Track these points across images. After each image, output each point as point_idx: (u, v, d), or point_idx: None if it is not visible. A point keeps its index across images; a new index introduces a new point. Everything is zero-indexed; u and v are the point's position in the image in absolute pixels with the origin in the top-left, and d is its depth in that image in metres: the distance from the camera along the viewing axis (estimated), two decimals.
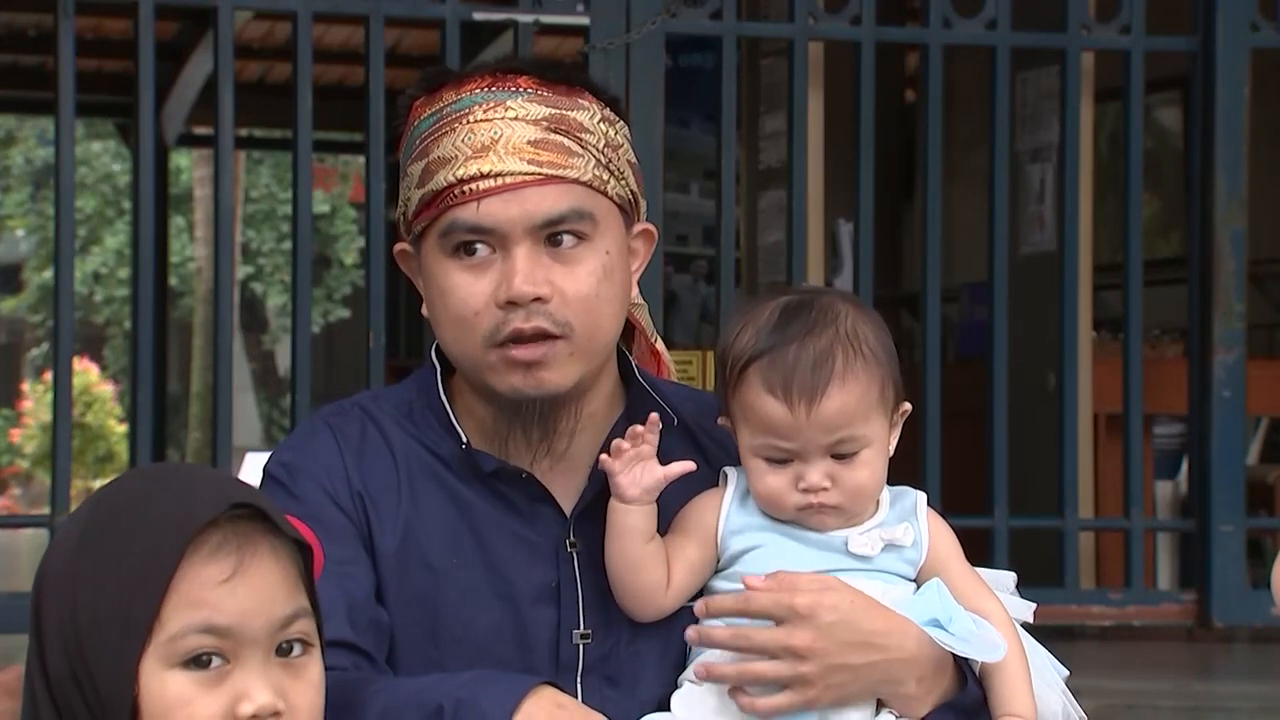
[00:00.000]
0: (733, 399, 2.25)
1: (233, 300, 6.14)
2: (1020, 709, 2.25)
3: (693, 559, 2.27)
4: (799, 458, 2.21)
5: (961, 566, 2.31)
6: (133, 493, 1.83)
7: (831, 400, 2.19)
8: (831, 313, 2.24)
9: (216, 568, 1.77)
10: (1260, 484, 6.80)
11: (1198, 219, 5.85)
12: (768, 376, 2.20)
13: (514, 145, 2.27)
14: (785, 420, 2.20)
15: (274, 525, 1.82)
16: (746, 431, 2.24)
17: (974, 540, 4.66)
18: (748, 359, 2.22)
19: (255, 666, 1.77)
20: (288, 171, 6.16)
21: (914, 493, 2.31)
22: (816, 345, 2.21)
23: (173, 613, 1.76)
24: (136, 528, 1.78)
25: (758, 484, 2.24)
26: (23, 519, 9.30)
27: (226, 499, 1.79)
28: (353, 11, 5.63)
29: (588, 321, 2.28)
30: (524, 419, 2.30)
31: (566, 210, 2.28)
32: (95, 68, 11.41)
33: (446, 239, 2.29)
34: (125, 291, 22.40)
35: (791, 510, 2.23)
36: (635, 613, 2.28)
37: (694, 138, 7.98)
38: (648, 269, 2.43)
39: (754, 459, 2.24)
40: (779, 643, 2.17)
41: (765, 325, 2.24)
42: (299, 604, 1.81)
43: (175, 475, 1.85)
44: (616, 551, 2.26)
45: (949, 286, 6.62)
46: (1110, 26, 5.83)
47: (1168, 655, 5.70)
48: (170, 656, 1.76)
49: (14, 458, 20.85)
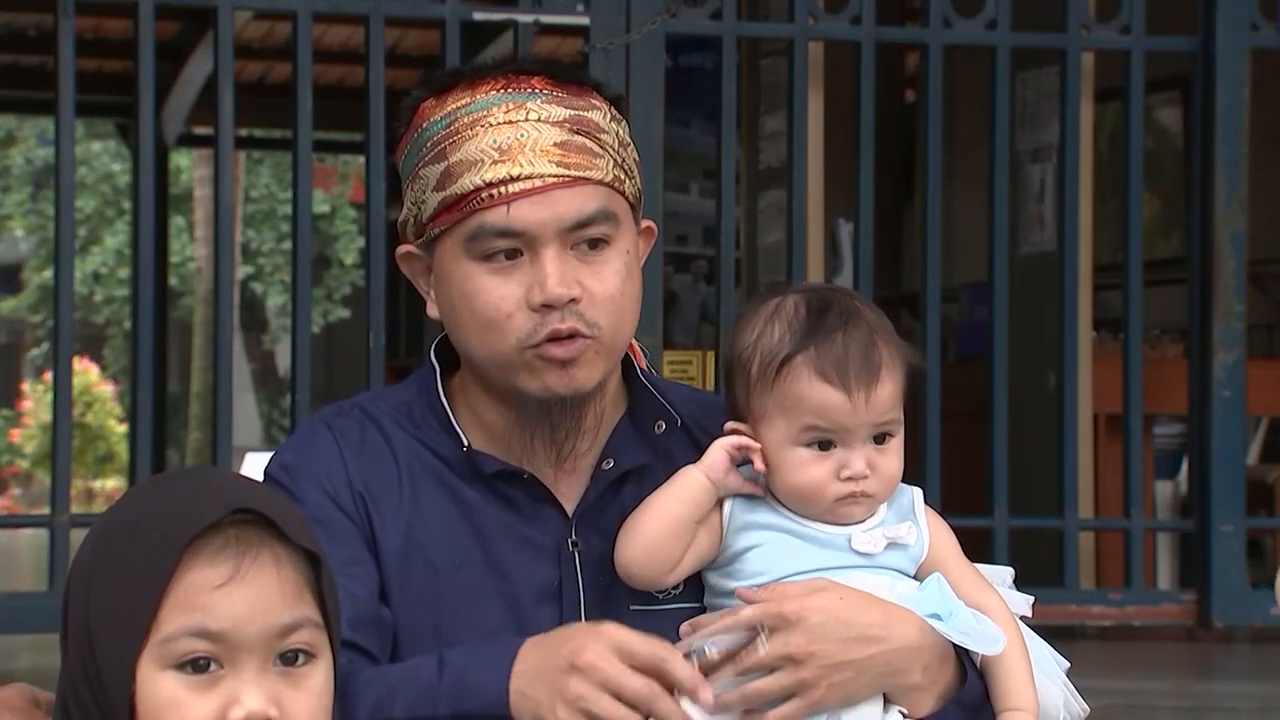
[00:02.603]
0: (767, 395, 2.25)
1: (233, 300, 6.14)
2: (1022, 703, 2.26)
3: (702, 546, 2.28)
4: (844, 445, 2.24)
5: (960, 562, 2.32)
6: (146, 496, 1.84)
7: (884, 385, 2.24)
8: (853, 306, 2.29)
9: (214, 571, 1.76)
10: (1260, 484, 6.80)
11: (1198, 219, 5.85)
12: (820, 366, 2.23)
13: (541, 148, 2.27)
14: (842, 407, 2.23)
15: (282, 532, 1.81)
16: (786, 424, 2.25)
17: (974, 540, 4.67)
18: (790, 352, 2.24)
19: (251, 674, 1.77)
20: (288, 171, 6.16)
21: (910, 489, 2.33)
22: (858, 335, 2.25)
23: (169, 615, 1.76)
24: (143, 530, 1.78)
25: (797, 476, 2.25)
26: (23, 519, 9.32)
27: (230, 503, 1.79)
28: (353, 11, 5.63)
29: (614, 321, 2.29)
30: (552, 419, 2.30)
31: (594, 212, 2.28)
32: (95, 68, 11.41)
33: (474, 243, 2.28)
34: (125, 291, 22.40)
35: (828, 501, 2.25)
36: (633, 577, 2.28)
37: (694, 138, 7.98)
38: (648, 269, 2.44)
39: (794, 450, 2.25)
40: (774, 654, 2.17)
41: (796, 320, 2.26)
42: (301, 613, 1.80)
43: (188, 479, 1.85)
44: (662, 513, 2.26)
45: (949, 286, 6.62)
46: (1110, 26, 5.84)
47: (1168, 655, 5.71)
48: (165, 658, 1.76)
49: (14, 458, 20.87)
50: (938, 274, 5.72)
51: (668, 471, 2.31)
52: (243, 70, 11.25)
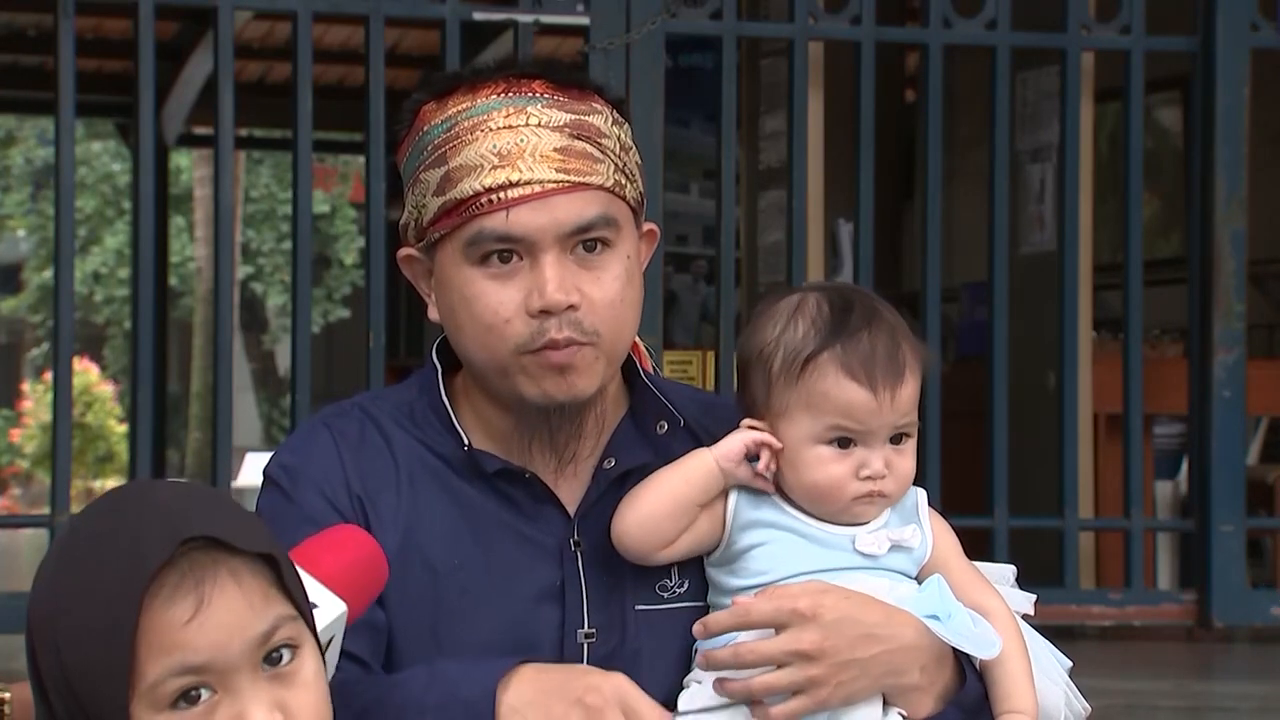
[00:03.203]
0: (789, 391, 2.26)
1: (233, 300, 6.14)
2: (1021, 704, 2.26)
3: (701, 531, 2.28)
4: (864, 443, 2.25)
5: (962, 563, 2.33)
6: (89, 539, 1.79)
7: (907, 385, 2.26)
8: (874, 306, 2.30)
9: (178, 610, 1.74)
10: (1260, 484, 6.79)
11: (1198, 219, 5.85)
12: (847, 363, 2.24)
13: (541, 153, 2.27)
14: (867, 404, 2.24)
15: (232, 547, 1.78)
16: (809, 421, 2.25)
17: (974, 540, 4.66)
18: (815, 349, 2.25)
19: (245, 688, 1.76)
20: (288, 171, 6.16)
21: (914, 490, 2.33)
22: (883, 334, 2.27)
23: (147, 661, 1.74)
24: (99, 581, 1.75)
25: (816, 473, 2.25)
26: (23, 519, 9.29)
27: (175, 535, 1.75)
28: (353, 11, 5.63)
29: (613, 327, 2.29)
30: (551, 424, 2.31)
31: (595, 217, 2.28)
32: (95, 68, 11.41)
33: (473, 247, 2.28)
34: (125, 291, 22.41)
35: (845, 500, 2.25)
36: (627, 548, 2.28)
37: (694, 138, 7.98)
38: (648, 269, 2.44)
39: (815, 448, 2.25)
40: (786, 649, 2.18)
41: (820, 318, 2.27)
42: (275, 614, 1.78)
43: (129, 509, 1.80)
44: (666, 489, 2.27)
45: (949, 286, 6.62)
46: (1110, 26, 5.83)
47: (1168, 655, 5.70)
48: (158, 702, 1.74)
49: (14, 458, 20.87)
50: (938, 274, 5.72)
51: None
52: (243, 70, 11.25)
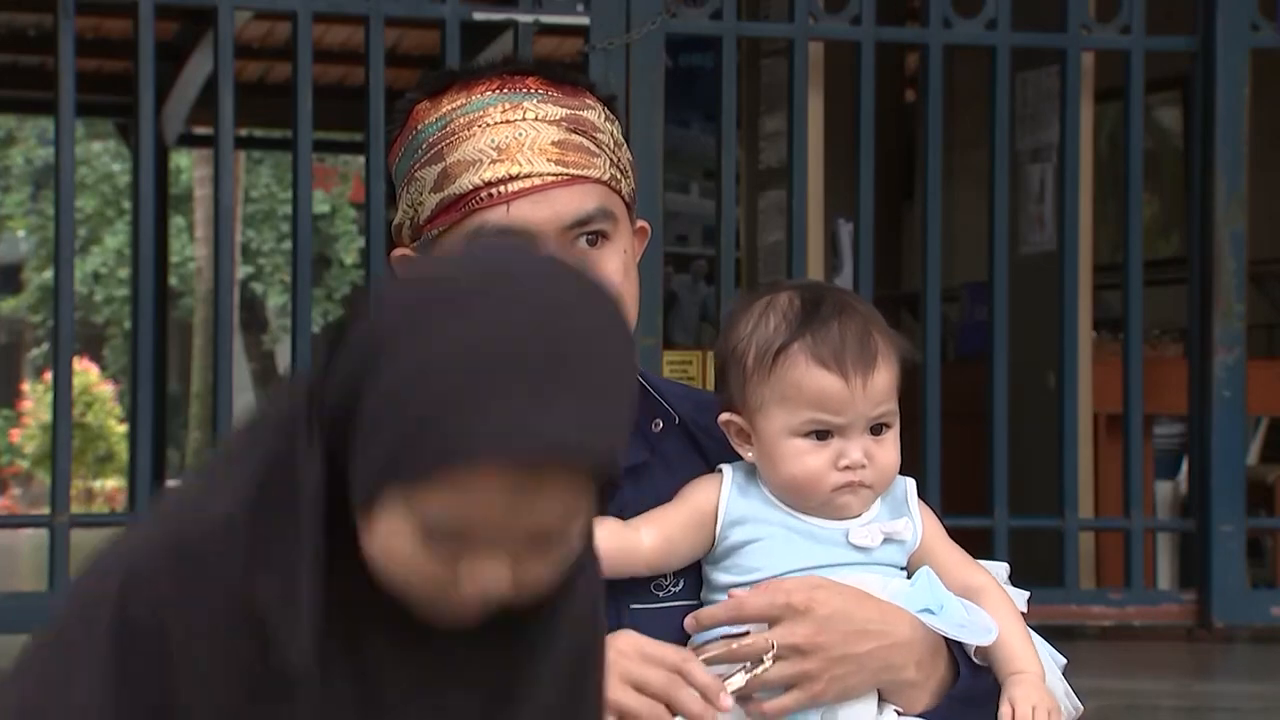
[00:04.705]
0: (763, 385, 2.26)
1: (233, 300, 6.14)
2: (1024, 665, 2.26)
3: (674, 538, 2.27)
4: (841, 434, 2.24)
5: (945, 545, 2.34)
6: None
7: (880, 373, 2.25)
8: (846, 299, 2.31)
9: None
10: (1260, 484, 6.79)
11: (1198, 219, 5.85)
12: (818, 352, 2.24)
13: (540, 146, 2.27)
14: (839, 393, 2.23)
15: None
16: (784, 413, 2.25)
17: (974, 540, 4.66)
18: (786, 340, 2.25)
19: None
20: (288, 171, 6.16)
21: (903, 480, 2.33)
22: (854, 324, 2.26)
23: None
24: None
25: (794, 466, 2.25)
26: (23, 519, 9.32)
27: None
28: (353, 11, 5.63)
29: None
30: None
31: (594, 210, 2.28)
32: (95, 68, 11.40)
33: None
34: (125, 291, 22.40)
35: (826, 492, 2.25)
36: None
37: (694, 138, 7.98)
38: (647, 269, 2.44)
39: (791, 440, 2.25)
40: (780, 642, 2.18)
41: (791, 311, 2.27)
42: None
43: None
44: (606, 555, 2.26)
45: (949, 286, 6.61)
46: (1110, 26, 5.84)
47: (1168, 655, 5.70)
48: None
49: (14, 458, 20.86)
50: (938, 274, 5.72)
51: (665, 470, 2.32)
52: (243, 70, 11.24)
